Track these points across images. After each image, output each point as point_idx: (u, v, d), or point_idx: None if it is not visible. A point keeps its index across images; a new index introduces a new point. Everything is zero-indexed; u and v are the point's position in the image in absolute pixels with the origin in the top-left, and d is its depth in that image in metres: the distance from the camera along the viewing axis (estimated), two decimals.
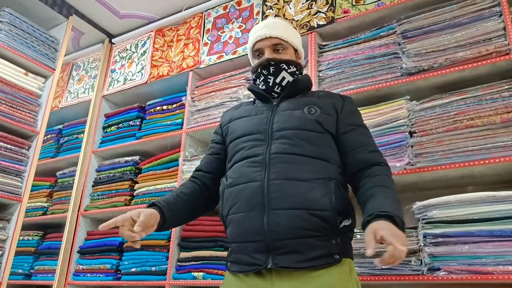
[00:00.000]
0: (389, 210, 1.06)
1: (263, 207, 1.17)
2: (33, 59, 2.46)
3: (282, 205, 1.16)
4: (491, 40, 1.73)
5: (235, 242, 1.23)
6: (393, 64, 1.94)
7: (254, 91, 1.43)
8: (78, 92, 3.14)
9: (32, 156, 2.36)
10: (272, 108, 1.35)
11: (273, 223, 1.14)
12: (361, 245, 1.73)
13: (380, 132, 1.86)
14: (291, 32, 1.46)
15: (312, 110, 1.31)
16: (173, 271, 2.17)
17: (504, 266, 1.43)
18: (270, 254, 1.14)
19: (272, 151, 1.23)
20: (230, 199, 1.25)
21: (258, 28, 1.43)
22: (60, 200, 2.85)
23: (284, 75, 1.37)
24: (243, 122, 1.36)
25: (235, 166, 1.29)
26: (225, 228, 1.29)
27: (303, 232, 1.14)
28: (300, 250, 1.13)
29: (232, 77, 2.41)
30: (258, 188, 1.19)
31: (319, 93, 1.44)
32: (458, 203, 1.58)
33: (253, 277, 1.17)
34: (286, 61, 1.37)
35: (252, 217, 1.17)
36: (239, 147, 1.30)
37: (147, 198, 2.43)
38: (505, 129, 1.62)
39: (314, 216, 1.15)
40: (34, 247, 2.84)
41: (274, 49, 1.39)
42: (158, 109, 2.66)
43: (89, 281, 2.46)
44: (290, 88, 1.37)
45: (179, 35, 2.78)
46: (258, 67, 1.38)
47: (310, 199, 1.16)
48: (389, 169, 1.29)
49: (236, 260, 1.22)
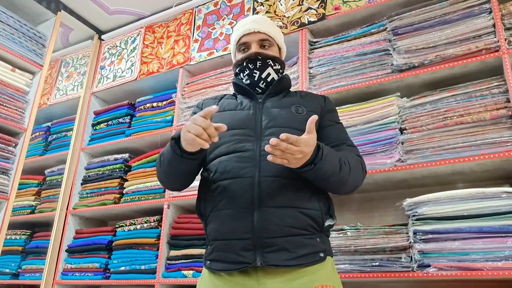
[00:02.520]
0: (320, 143, 1.11)
1: (253, 204, 1.15)
2: (20, 55, 2.42)
3: (273, 203, 1.15)
4: (481, 37, 1.74)
5: (219, 240, 1.19)
6: (383, 60, 1.94)
7: (238, 85, 1.40)
8: (67, 89, 3.10)
9: (19, 154, 2.32)
10: (258, 106, 1.33)
11: (264, 220, 1.13)
12: (352, 242, 1.73)
13: (371, 129, 1.86)
14: (277, 30, 1.46)
15: (299, 110, 1.31)
16: (163, 269, 2.15)
17: (493, 262, 1.44)
18: (258, 251, 1.12)
19: (262, 148, 1.20)
20: (214, 195, 1.21)
21: (247, 22, 1.41)
22: (49, 199, 2.82)
23: (269, 71, 1.36)
24: (228, 116, 1.32)
25: (219, 160, 1.24)
26: (206, 225, 1.24)
27: (292, 230, 1.13)
28: (289, 248, 1.12)
29: (223, 74, 2.39)
30: (248, 185, 1.16)
31: (301, 93, 1.44)
32: (448, 199, 1.58)
33: (237, 275, 1.14)
34: (273, 58, 1.37)
35: (240, 214, 1.15)
36: (224, 141, 1.25)
37: (137, 196, 2.41)
38: (494, 126, 1.63)
39: (304, 214, 1.15)
40: (22, 246, 2.80)
41: (261, 44, 1.38)
42: (148, 106, 2.64)
43: (78, 280, 2.43)
44: (275, 86, 1.37)
45: (169, 31, 2.76)
46: (244, 61, 1.36)
47: (300, 198, 1.17)
48: (360, 161, 1.28)
49: (220, 258, 1.17)
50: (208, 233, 1.24)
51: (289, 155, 1.04)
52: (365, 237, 1.71)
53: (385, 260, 1.65)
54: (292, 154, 1.03)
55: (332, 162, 1.13)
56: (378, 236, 1.69)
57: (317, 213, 1.17)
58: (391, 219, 1.89)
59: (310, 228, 1.16)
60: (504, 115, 1.62)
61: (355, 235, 1.74)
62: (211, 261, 1.20)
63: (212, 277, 1.20)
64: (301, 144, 1.03)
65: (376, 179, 1.84)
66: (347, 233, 1.75)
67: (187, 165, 1.19)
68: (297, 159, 1.06)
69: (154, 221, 2.30)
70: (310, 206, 1.17)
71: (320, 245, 1.17)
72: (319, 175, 1.13)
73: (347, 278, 1.67)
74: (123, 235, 2.38)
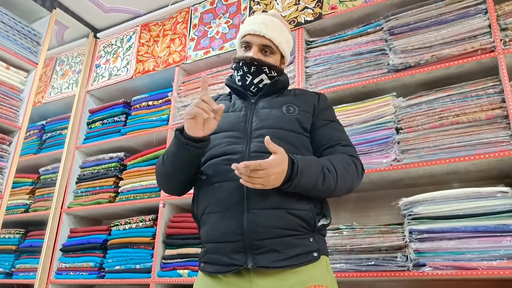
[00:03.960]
0: (295, 157, 1.11)
1: (242, 206, 1.14)
2: (15, 53, 2.40)
3: (261, 205, 1.14)
4: (477, 38, 1.75)
5: (210, 242, 1.19)
6: (380, 60, 1.94)
7: (231, 87, 1.40)
8: (61, 87, 3.08)
9: (13, 152, 2.30)
10: (250, 107, 1.32)
11: (252, 223, 1.13)
12: (347, 241, 1.73)
13: (367, 129, 1.86)
14: (285, 37, 1.41)
15: (290, 109, 1.30)
16: (158, 268, 2.14)
17: (488, 262, 1.45)
18: (249, 254, 1.12)
19: (251, 150, 1.20)
20: (205, 198, 1.22)
21: (256, 21, 1.37)
22: (43, 197, 2.80)
23: (263, 77, 1.34)
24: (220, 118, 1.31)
25: (210, 163, 1.24)
26: (199, 227, 1.26)
27: (282, 232, 1.13)
28: (279, 249, 1.12)
29: (219, 72, 2.39)
30: (237, 187, 1.15)
31: (295, 91, 1.42)
32: (443, 199, 1.59)
33: (230, 276, 1.15)
34: (269, 66, 1.34)
35: (230, 217, 1.15)
36: (215, 143, 1.25)
37: (132, 195, 2.40)
38: (489, 126, 1.64)
39: (293, 215, 1.15)
40: (15, 245, 2.78)
41: (262, 49, 1.35)
42: (144, 105, 2.63)
43: (72, 279, 2.42)
44: (268, 88, 1.35)
45: (165, 30, 2.75)
46: (240, 61, 1.34)
47: (289, 199, 1.15)
48: (354, 162, 1.26)
49: (212, 261, 1.18)
50: (201, 235, 1.24)
51: (258, 179, 1.05)
52: (361, 236, 1.71)
53: (381, 259, 1.65)
54: (262, 177, 1.04)
55: (312, 174, 1.13)
56: (374, 235, 1.69)
57: (308, 213, 1.16)
58: (387, 219, 1.90)
59: (300, 228, 1.15)
60: (499, 115, 1.63)
61: (351, 234, 1.74)
62: (204, 263, 1.21)
63: (206, 278, 1.20)
64: (267, 166, 1.04)
65: (372, 179, 1.84)
66: (343, 232, 1.76)
67: (191, 156, 1.19)
68: (272, 180, 1.06)
69: (149, 220, 2.29)
70: (299, 207, 1.16)
71: (313, 245, 1.16)
72: (302, 189, 1.13)
73: (343, 277, 1.67)
74: (118, 234, 2.37)
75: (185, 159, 1.20)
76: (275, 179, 1.07)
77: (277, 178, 1.07)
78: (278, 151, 1.07)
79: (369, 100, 1.91)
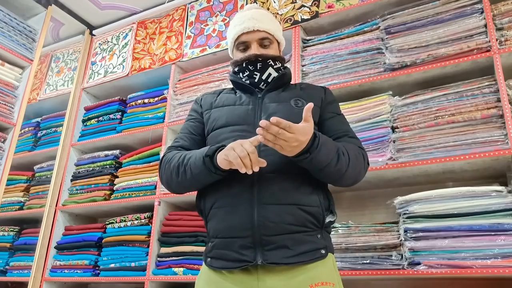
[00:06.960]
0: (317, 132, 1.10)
1: (253, 201, 1.14)
2: (10, 49, 2.38)
3: (272, 200, 1.13)
4: (473, 37, 1.75)
5: (219, 238, 1.18)
6: (376, 59, 1.94)
7: (237, 82, 1.38)
8: (57, 84, 3.07)
9: (7, 149, 2.29)
10: (258, 101, 1.31)
11: (263, 218, 1.12)
12: (343, 239, 1.73)
13: (363, 127, 1.86)
14: (276, 24, 1.42)
15: (299, 103, 1.29)
16: (153, 266, 2.14)
17: (482, 260, 1.46)
18: (258, 250, 1.11)
19: (261, 144, 1.19)
20: (213, 192, 1.21)
21: (245, 18, 1.35)
22: (38, 195, 2.79)
23: (270, 71, 1.33)
24: (227, 111, 1.30)
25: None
26: (206, 222, 1.24)
27: (292, 228, 1.12)
28: (288, 245, 1.11)
29: (215, 70, 2.38)
30: (247, 182, 1.15)
31: (301, 85, 1.42)
32: (438, 198, 1.59)
33: (237, 272, 1.14)
34: (273, 58, 1.34)
35: (240, 211, 1.14)
36: (223, 137, 1.24)
37: (127, 193, 2.39)
38: (485, 125, 1.64)
39: (303, 211, 1.14)
40: (10, 242, 2.77)
41: (261, 43, 1.34)
42: (140, 103, 2.62)
43: (67, 277, 2.41)
44: (275, 82, 1.34)
45: (162, 27, 2.74)
46: (244, 62, 1.33)
47: (300, 194, 1.15)
48: (362, 153, 1.25)
49: (220, 256, 1.17)
50: (208, 230, 1.23)
51: (282, 141, 1.03)
52: (356, 235, 1.72)
53: (376, 258, 1.65)
54: (286, 140, 1.02)
55: (329, 152, 1.11)
56: (369, 233, 1.70)
57: (317, 210, 1.16)
58: (382, 217, 1.90)
59: (310, 224, 1.14)
60: (495, 115, 1.63)
61: (346, 233, 1.74)
62: (211, 259, 1.19)
63: (211, 274, 1.19)
64: (295, 131, 1.02)
65: (367, 177, 1.82)
66: (338, 230, 1.76)
67: (213, 179, 1.19)
68: (292, 147, 1.05)
69: (144, 218, 2.28)
70: (310, 203, 1.15)
71: (321, 242, 1.16)
72: (315, 164, 1.11)
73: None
74: (113, 232, 2.36)
75: (207, 181, 1.20)
76: (296, 146, 1.05)
77: (298, 146, 1.05)
78: (309, 120, 1.05)
79: (365, 99, 1.91)
